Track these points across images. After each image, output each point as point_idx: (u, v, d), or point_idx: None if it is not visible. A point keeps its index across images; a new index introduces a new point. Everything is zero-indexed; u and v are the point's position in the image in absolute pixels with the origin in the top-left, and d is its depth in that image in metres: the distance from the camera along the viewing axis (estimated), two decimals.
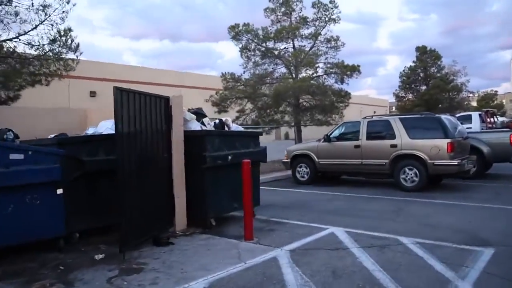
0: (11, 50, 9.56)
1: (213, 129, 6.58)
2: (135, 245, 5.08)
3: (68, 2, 9.74)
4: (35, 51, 9.66)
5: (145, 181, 5.29)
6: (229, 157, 6.20)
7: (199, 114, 6.97)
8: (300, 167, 11.42)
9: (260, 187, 11.16)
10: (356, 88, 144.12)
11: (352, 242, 5.25)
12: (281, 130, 39.21)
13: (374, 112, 39.87)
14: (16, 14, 9.08)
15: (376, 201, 8.40)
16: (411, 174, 9.40)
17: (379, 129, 10.22)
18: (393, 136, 9.72)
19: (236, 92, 17.18)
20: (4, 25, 9.38)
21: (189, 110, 7.16)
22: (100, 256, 4.84)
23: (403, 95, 34.41)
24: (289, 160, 11.72)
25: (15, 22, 9.15)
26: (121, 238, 4.74)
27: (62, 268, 4.50)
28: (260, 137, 7.45)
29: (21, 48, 9.63)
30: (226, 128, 6.76)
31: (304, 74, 17.47)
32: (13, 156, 4.73)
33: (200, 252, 4.97)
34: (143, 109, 5.28)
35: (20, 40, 9.50)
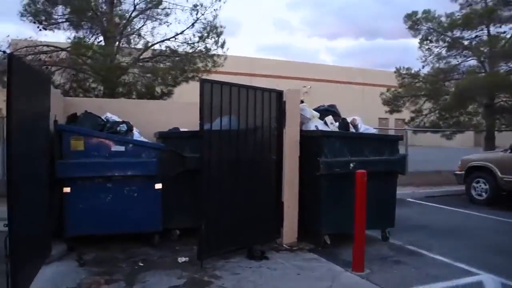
0: (170, 49, 10.54)
1: (336, 129, 5.71)
2: (222, 253, 4.72)
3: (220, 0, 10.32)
4: (190, 49, 10.46)
5: (241, 185, 4.87)
6: (351, 165, 5.27)
7: (330, 112, 6.18)
8: (477, 182, 9.31)
9: (426, 203, 9.72)
10: None
11: None
12: (481, 135, 34.04)
13: None
14: (167, 14, 10.01)
15: None
16: None
17: None
18: None
19: (412, 90, 15.34)
20: (164, 24, 10.45)
21: (319, 107, 6.47)
22: (184, 259, 4.66)
23: None
24: (463, 172, 9.72)
25: (166, 22, 10.08)
26: (200, 245, 4.43)
27: (141, 265, 4.48)
28: (449, 141, 6.13)
29: (176, 46, 10.58)
30: (352, 129, 5.80)
31: (503, 67, 14.40)
32: (114, 148, 4.95)
33: (287, 276, 4.28)
34: (243, 105, 4.87)
35: (176, 39, 10.45)
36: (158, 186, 5.12)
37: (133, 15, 10.05)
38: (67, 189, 4.72)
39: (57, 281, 3.87)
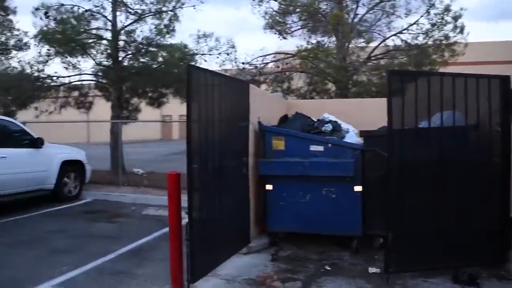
0: (406, 43, 9.90)
1: None
2: (414, 270, 4.20)
3: None
4: (424, 39, 9.56)
5: (449, 193, 4.20)
6: None
7: None
8: None
9: None
10: None
11: None
12: None
13: None
14: (393, 6, 9.35)
15: None
16: None
17: None
18: None
19: None
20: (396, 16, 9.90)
21: None
22: (374, 270, 4.39)
23: None
24: None
25: (396, 15, 9.46)
26: (386, 257, 4.06)
27: (328, 268, 4.47)
28: None
29: (411, 38, 9.82)
30: None
31: None
32: (313, 148, 5.09)
33: None
34: (448, 97, 4.19)
35: (408, 30, 9.70)
36: (358, 188, 4.95)
37: (360, 12, 10.01)
38: (269, 187, 5.14)
39: (243, 270, 4.28)
